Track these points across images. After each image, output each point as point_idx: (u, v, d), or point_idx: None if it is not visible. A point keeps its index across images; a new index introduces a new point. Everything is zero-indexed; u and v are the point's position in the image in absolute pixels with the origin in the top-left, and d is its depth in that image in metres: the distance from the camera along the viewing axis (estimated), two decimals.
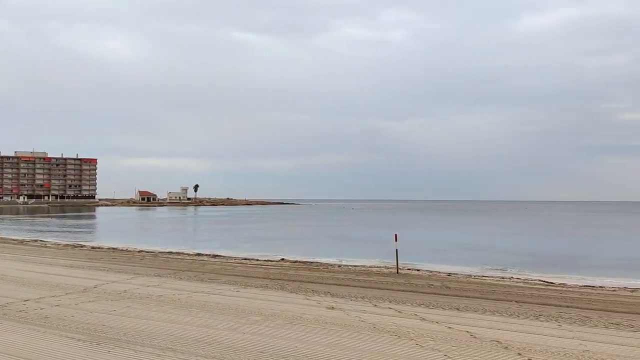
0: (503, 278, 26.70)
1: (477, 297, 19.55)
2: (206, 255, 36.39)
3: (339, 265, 30.49)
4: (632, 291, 22.83)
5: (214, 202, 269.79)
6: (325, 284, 22.47)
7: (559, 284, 24.65)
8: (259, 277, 24.18)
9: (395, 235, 28.20)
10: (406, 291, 20.77)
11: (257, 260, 33.58)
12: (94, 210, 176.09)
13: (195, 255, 36.35)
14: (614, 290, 22.90)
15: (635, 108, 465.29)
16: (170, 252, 38.07)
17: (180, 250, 39.97)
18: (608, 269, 33.30)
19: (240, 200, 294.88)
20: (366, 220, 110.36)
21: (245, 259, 34.38)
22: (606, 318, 15.98)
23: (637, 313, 17.04)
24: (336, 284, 22.32)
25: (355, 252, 40.31)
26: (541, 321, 15.35)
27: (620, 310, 17.44)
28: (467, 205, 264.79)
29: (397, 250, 27.53)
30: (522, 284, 24.32)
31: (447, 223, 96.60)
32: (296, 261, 33.01)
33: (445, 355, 11.35)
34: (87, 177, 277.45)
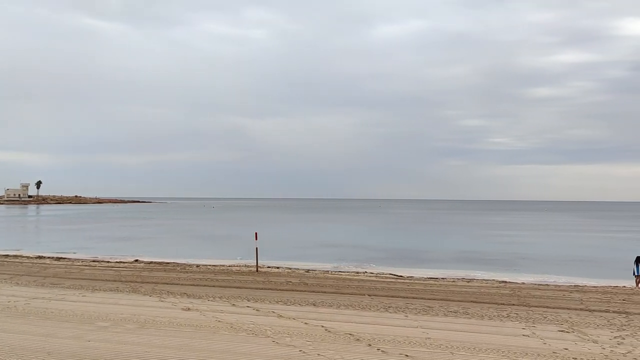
0: (357, 273, 27.95)
1: (333, 292, 20.23)
2: (49, 257, 33.34)
3: (197, 265, 29.74)
4: (468, 281, 25.17)
5: (60, 200, 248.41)
6: (182, 284, 21.76)
7: (407, 277, 26.41)
8: (109, 280, 22.72)
9: (256, 233, 28.21)
10: (265, 289, 20.85)
11: (108, 262, 31.55)
12: None
13: (36, 258, 33.12)
14: (454, 281, 25.06)
15: (473, 115, 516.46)
16: (7, 255, 34.26)
17: (19, 253, 36.17)
18: (449, 261, 36.50)
19: (90, 198, 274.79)
20: (227, 218, 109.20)
21: (94, 261, 32.12)
22: (446, 307, 17.41)
23: (471, 301, 18.80)
24: (193, 285, 21.72)
25: (214, 252, 39.67)
26: (390, 312, 16.29)
27: (458, 299, 19.12)
28: (326, 203, 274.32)
29: (257, 248, 27.55)
30: (374, 278, 25.64)
31: (307, 221, 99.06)
32: (151, 262, 31.57)
33: (300, 350, 11.54)
34: None
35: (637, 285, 24.36)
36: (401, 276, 26.82)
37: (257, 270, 27.09)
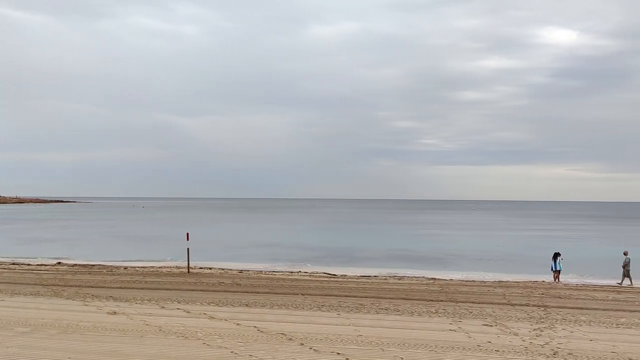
0: (291, 272, 27.95)
1: (266, 292, 20.13)
2: None
3: (125, 267, 28.75)
4: (399, 279, 25.75)
5: None
6: (109, 287, 20.97)
7: (341, 276, 26.69)
8: (30, 284, 21.55)
9: (187, 234, 27.58)
10: (196, 290, 20.45)
11: (28, 264, 29.90)
12: None
13: None
14: (385, 279, 25.58)
15: (405, 117, 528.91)
16: None
17: None
18: (381, 259, 37.21)
19: (10, 197, 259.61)
20: (158, 218, 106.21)
21: (13, 263, 30.35)
22: (377, 304, 17.74)
23: (402, 298, 19.26)
24: (121, 287, 20.98)
25: (143, 253, 38.46)
26: (323, 311, 16.41)
27: (389, 297, 19.53)
28: (260, 203, 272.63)
29: (188, 249, 26.96)
30: (308, 278, 25.74)
31: (241, 221, 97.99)
32: (75, 264, 30.22)
33: (231, 351, 11.40)
34: None
35: (554, 280, 25.79)
36: (335, 275, 27.07)
37: (188, 272, 26.53)
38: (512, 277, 27.13)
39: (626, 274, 25.23)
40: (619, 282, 25.09)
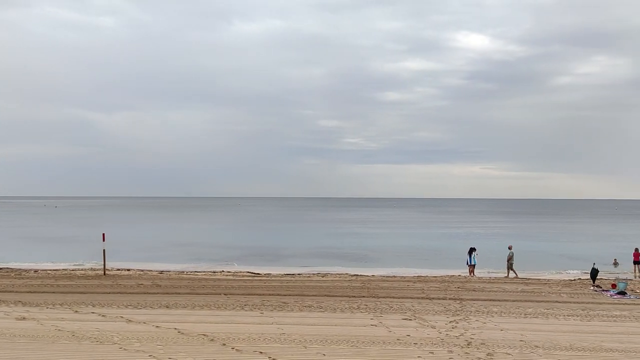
0: (214, 272, 27.49)
1: (188, 293, 19.68)
2: None
3: (35, 270, 27.10)
4: (323, 276, 26.01)
5: None
6: (17, 292, 19.70)
7: (264, 275, 26.56)
8: None
9: (103, 234, 26.41)
10: (113, 293, 19.65)
11: None
12: None
13: None
14: (309, 277, 25.74)
15: (328, 116, 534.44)
16: None
17: None
18: (305, 257, 37.44)
19: None
20: (72, 219, 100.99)
21: None
22: (301, 302, 17.82)
23: (325, 295, 19.47)
24: (30, 292, 19.76)
25: (56, 255, 36.44)
26: (246, 310, 16.26)
27: (313, 294, 19.68)
28: (183, 202, 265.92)
29: (104, 250, 25.82)
30: (231, 277, 25.42)
31: (162, 220, 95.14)
32: None
33: (150, 355, 11.04)
34: None
35: (470, 274, 27.02)
36: (258, 274, 26.91)
37: (104, 274, 25.44)
38: (430, 272, 28.14)
39: (510, 267, 26.87)
40: (506, 275, 26.63)
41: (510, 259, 27.02)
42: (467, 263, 27.43)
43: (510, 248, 27.46)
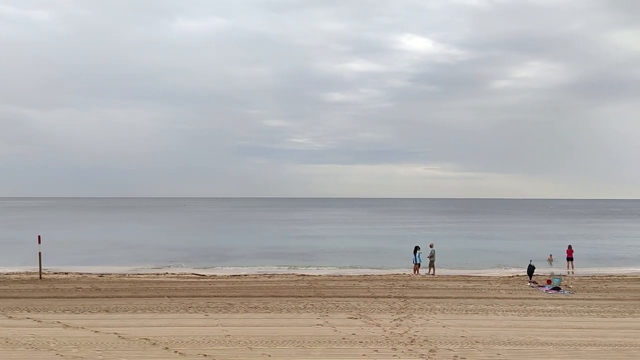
0: (157, 274, 26.85)
1: (129, 296, 19.13)
2: None
3: None
4: (269, 277, 25.88)
5: None
6: None
7: (210, 276, 26.17)
8: None
9: (39, 236, 25.28)
10: (49, 297, 18.85)
11: None
12: None
13: None
14: (255, 278, 25.56)
15: (275, 116, 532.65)
16: None
17: None
18: (252, 258, 37.11)
19: None
20: (5, 220, 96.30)
21: None
22: (247, 303, 17.66)
23: (272, 296, 19.37)
24: None
25: None
26: (190, 313, 15.96)
27: (259, 295, 19.55)
28: (126, 202, 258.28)
29: (40, 253, 24.72)
30: (175, 279, 24.89)
31: (103, 221, 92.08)
32: None
33: None
34: None
35: (414, 272, 27.55)
36: (204, 275, 26.50)
37: (40, 278, 24.37)
38: (376, 271, 28.52)
39: (431, 264, 27.70)
40: (428, 272, 27.40)
41: (431, 257, 27.82)
42: (413, 261, 27.96)
43: (431, 246, 28.31)
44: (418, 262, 27.77)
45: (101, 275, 26.10)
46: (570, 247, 30.17)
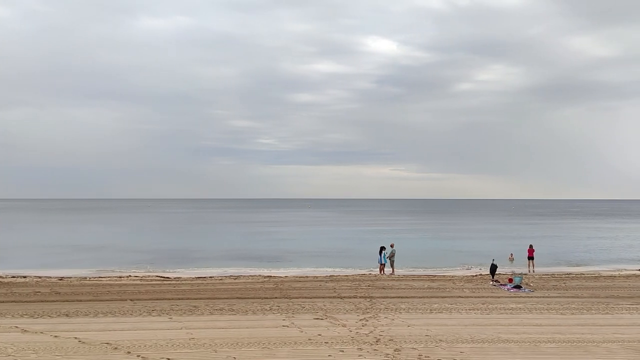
0: (120, 277, 26.31)
1: (90, 300, 18.69)
2: None
3: None
4: (235, 278, 25.67)
5: None
6: None
7: (175, 278, 25.79)
8: None
9: None
10: (7, 302, 18.24)
11: None
12: None
13: None
14: (221, 279, 25.30)
15: (241, 116, 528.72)
16: None
17: None
18: (218, 260, 36.77)
19: None
20: None
21: None
22: (212, 305, 17.47)
23: (237, 298, 19.22)
24: None
25: None
26: (154, 316, 15.69)
27: (224, 297, 19.35)
28: (87, 204, 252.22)
29: None
30: (138, 282, 24.44)
31: (63, 223, 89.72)
32: None
33: None
34: None
35: (380, 272, 27.77)
36: (168, 278, 26.10)
37: None
38: (342, 271, 28.62)
39: (391, 264, 28.09)
40: (391, 272, 27.75)
41: (392, 256, 28.17)
42: (379, 261, 28.18)
43: (392, 246, 28.67)
44: (383, 262, 28.00)
45: (61, 278, 25.43)
46: (531, 246, 30.90)
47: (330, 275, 26.67)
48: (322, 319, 15.17)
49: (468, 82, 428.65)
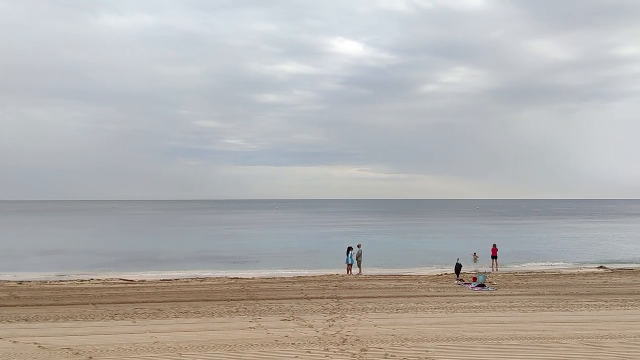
0: (82, 281, 25.69)
1: (51, 304, 18.19)
2: None
3: None
4: (201, 280, 25.36)
5: None
6: None
7: (139, 281, 25.32)
8: None
9: None
10: None
11: None
12: None
13: None
14: (187, 282, 24.96)
15: (207, 116, 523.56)
16: None
17: None
18: (184, 262, 36.27)
19: None
20: None
21: None
22: (177, 308, 17.22)
23: (203, 300, 18.99)
24: None
25: None
26: (116, 320, 15.37)
27: (190, 299, 19.11)
28: (47, 205, 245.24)
29: None
30: (101, 285, 23.91)
31: (22, 225, 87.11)
32: None
33: None
34: None
35: (347, 272, 27.87)
36: (132, 281, 25.60)
37: None
38: (309, 272, 28.61)
39: (358, 264, 28.37)
40: (358, 272, 28.00)
41: (359, 257, 28.39)
42: (346, 262, 28.28)
43: (359, 246, 28.90)
44: (350, 262, 28.11)
45: (20, 282, 24.67)
46: (494, 245, 31.50)
47: (297, 276, 26.62)
48: (289, 320, 15.13)
49: (433, 83, 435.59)
